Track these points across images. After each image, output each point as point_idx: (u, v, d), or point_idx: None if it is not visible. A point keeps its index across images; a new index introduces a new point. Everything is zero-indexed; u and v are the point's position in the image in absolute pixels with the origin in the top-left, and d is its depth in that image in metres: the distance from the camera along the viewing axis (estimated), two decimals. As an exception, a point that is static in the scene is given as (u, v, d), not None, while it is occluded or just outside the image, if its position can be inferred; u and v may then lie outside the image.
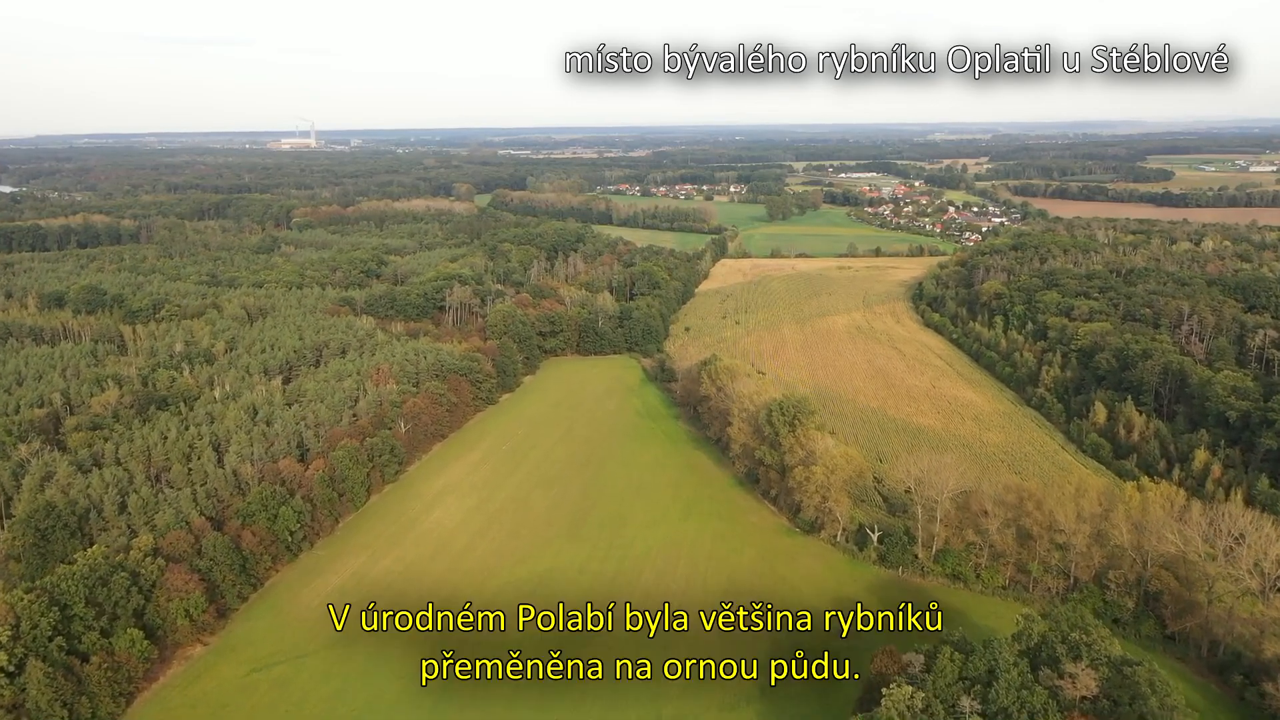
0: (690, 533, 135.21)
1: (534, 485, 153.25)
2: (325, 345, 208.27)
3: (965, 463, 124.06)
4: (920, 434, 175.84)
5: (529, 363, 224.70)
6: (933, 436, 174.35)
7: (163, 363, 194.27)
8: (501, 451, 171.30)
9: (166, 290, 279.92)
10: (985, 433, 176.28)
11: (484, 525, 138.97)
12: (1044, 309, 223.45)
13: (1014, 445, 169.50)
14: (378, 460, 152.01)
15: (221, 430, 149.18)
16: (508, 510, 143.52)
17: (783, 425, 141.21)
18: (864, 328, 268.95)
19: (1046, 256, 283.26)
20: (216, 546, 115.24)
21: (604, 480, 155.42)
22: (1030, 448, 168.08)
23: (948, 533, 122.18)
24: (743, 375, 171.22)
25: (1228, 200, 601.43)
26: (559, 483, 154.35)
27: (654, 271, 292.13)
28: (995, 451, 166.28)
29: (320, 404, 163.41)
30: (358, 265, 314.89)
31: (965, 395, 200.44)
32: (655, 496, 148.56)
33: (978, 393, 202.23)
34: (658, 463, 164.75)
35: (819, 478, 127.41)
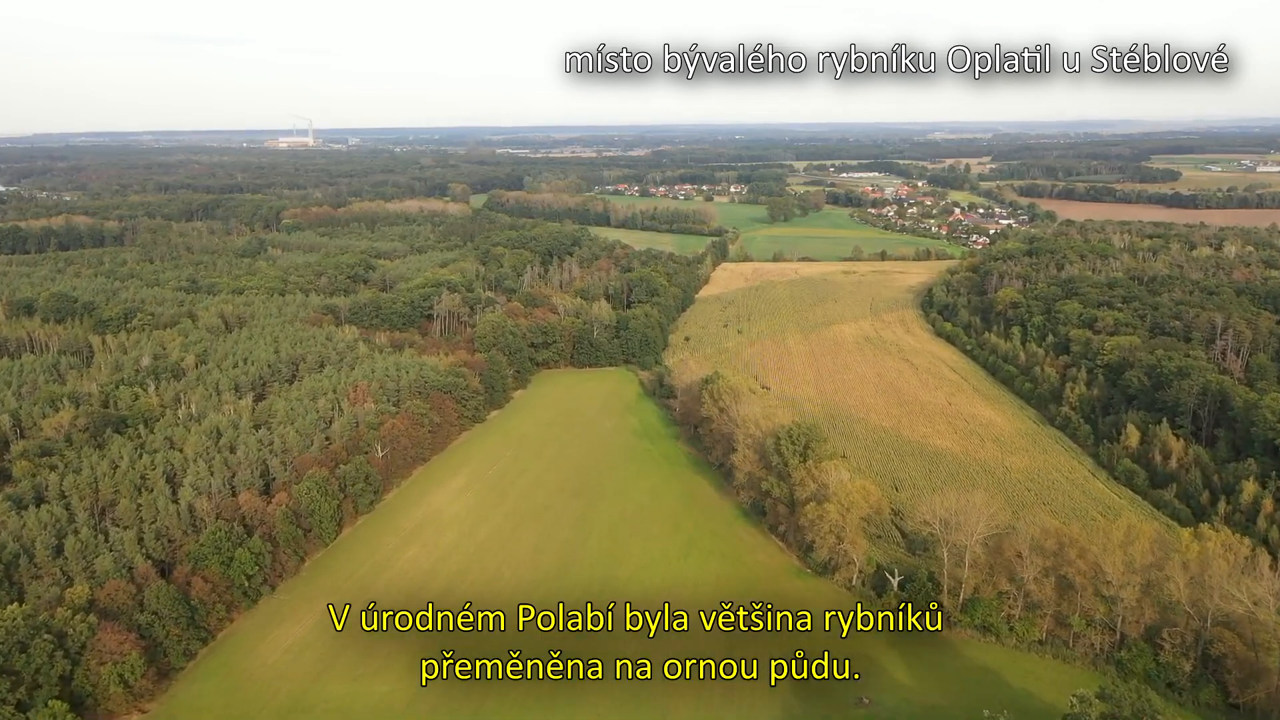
0: (690, 575, 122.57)
1: (521, 518, 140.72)
2: (302, 359, 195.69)
3: (996, 500, 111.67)
4: (938, 458, 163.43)
5: (519, 376, 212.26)
6: (951, 461, 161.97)
7: (128, 378, 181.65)
8: (488, 477, 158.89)
9: (142, 297, 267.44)
10: (1008, 456, 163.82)
11: (463, 565, 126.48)
12: (1065, 320, 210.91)
13: (1040, 471, 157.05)
14: (351, 490, 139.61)
15: (179, 458, 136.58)
16: (491, 548, 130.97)
17: (792, 455, 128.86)
18: (872, 337, 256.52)
19: (1063, 263, 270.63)
20: (161, 597, 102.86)
21: (597, 513, 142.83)
22: (1058, 474, 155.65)
23: (977, 579, 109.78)
24: (747, 395, 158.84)
25: (1238, 201, 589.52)
26: (548, 515, 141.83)
27: (652, 277, 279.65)
28: (1020, 478, 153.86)
29: (290, 427, 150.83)
30: (344, 270, 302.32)
31: (983, 413, 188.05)
32: (652, 531, 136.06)
33: (997, 410, 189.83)
34: (655, 492, 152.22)
35: (833, 517, 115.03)
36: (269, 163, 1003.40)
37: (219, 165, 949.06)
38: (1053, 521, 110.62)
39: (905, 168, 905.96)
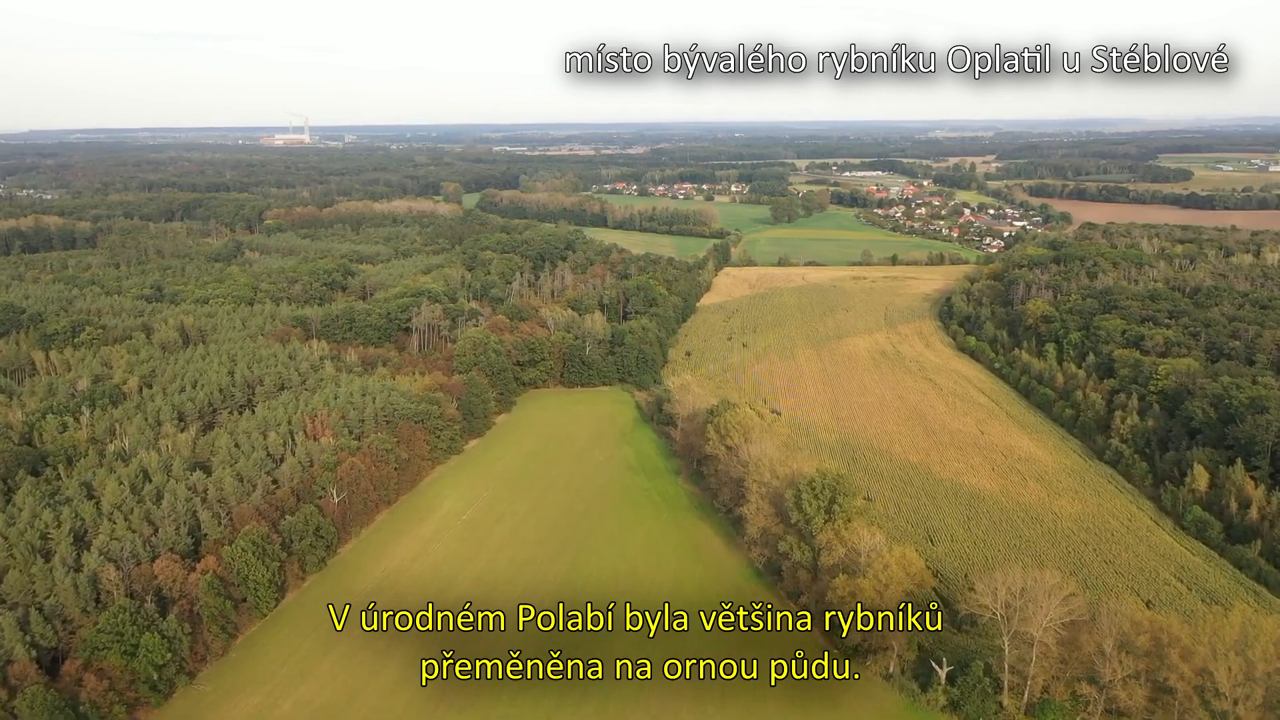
0: (692, 647, 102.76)
1: (495, 581, 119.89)
2: (260, 381, 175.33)
3: (1070, 581, 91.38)
4: (976, 501, 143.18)
5: (503, 399, 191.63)
6: (991, 505, 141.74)
7: (60, 404, 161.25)
8: (460, 524, 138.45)
9: (99, 307, 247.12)
10: (1055, 499, 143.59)
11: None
12: (1107, 338, 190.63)
13: (1094, 518, 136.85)
14: (297, 547, 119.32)
15: (91, 511, 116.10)
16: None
17: (816, 512, 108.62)
18: (889, 353, 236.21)
19: (1096, 271, 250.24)
20: (36, 705, 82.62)
21: (584, 573, 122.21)
22: (1115, 522, 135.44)
23: (1046, 676, 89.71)
24: (758, 431, 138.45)
25: (1257, 202, 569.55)
26: (526, 576, 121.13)
27: (651, 286, 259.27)
28: (1072, 527, 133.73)
29: (230, 469, 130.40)
30: (320, 277, 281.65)
31: (1021, 444, 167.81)
32: (649, 598, 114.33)
33: (1035, 441, 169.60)
34: (653, 544, 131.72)
35: (867, 595, 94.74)
36: (261, 160, 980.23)
37: (209, 163, 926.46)
38: (1144, 611, 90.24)
39: (909, 166, 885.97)
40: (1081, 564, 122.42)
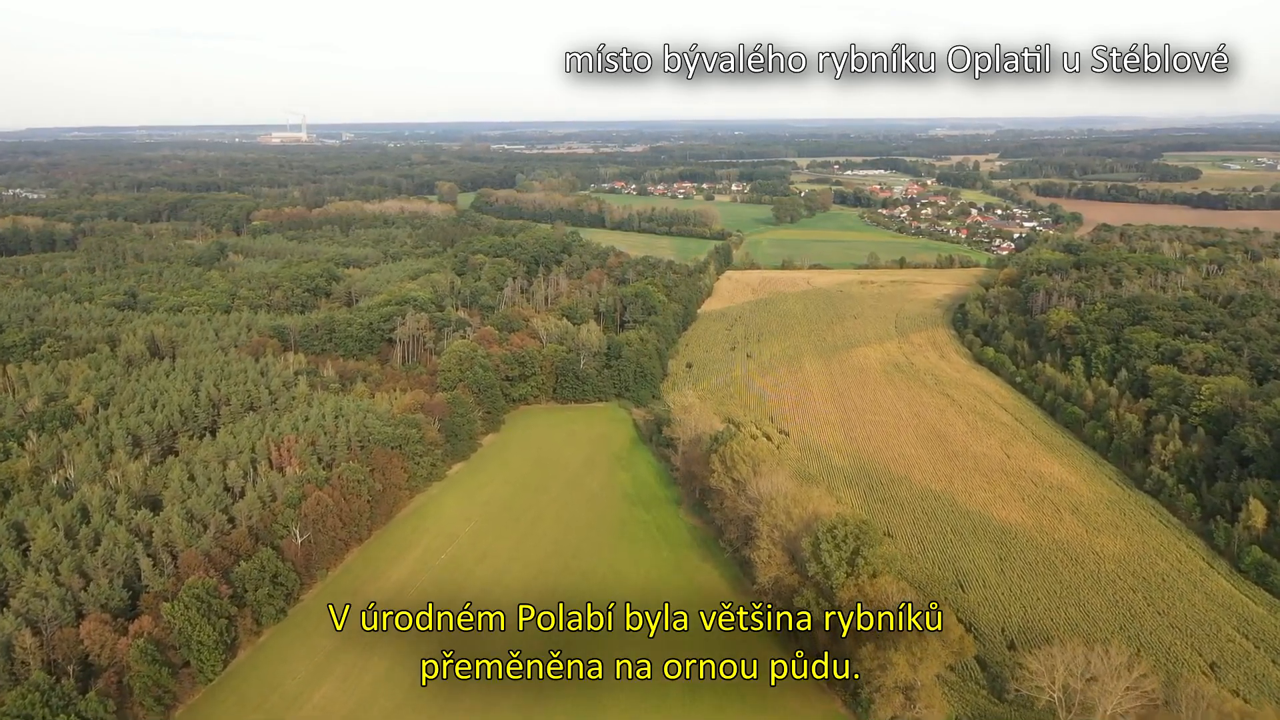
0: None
1: (474, 635, 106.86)
2: (226, 401, 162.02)
3: (1141, 662, 78.50)
4: (1007, 538, 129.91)
5: (490, 417, 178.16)
6: (1025, 543, 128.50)
7: (6, 427, 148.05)
8: (437, 565, 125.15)
9: (67, 315, 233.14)
10: (1095, 536, 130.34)
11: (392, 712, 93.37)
12: (1140, 352, 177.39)
13: (1140, 558, 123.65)
14: (251, 598, 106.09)
15: (16, 561, 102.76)
16: (429, 687, 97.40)
17: (838, 565, 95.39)
18: (902, 364, 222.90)
19: (1120, 278, 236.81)
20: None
21: (575, 620, 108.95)
22: (1164, 564, 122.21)
23: (1112, 770, 76.67)
24: (769, 463, 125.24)
25: (1271, 203, 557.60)
26: (510, 630, 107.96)
27: (650, 293, 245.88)
28: (1116, 570, 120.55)
29: (180, 505, 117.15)
30: (302, 283, 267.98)
31: (1051, 470, 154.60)
32: (645, 655, 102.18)
33: (1066, 465, 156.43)
34: (651, 587, 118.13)
35: (901, 671, 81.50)
36: (255, 159, 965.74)
37: (202, 162, 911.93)
38: (1233, 701, 76.99)
39: (912, 165, 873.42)
40: (1132, 615, 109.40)
